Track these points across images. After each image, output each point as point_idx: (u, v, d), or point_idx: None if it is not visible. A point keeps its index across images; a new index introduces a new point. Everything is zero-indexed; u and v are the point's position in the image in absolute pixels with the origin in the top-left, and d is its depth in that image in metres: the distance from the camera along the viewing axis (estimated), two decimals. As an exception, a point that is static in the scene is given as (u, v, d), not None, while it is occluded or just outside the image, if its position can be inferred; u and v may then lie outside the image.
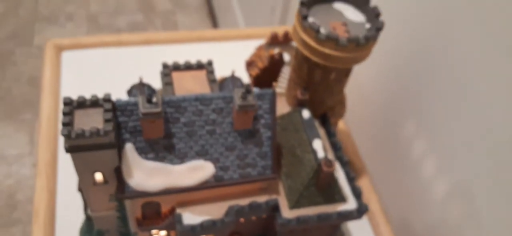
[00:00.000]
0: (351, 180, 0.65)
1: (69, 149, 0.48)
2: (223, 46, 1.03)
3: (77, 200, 0.71)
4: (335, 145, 0.68)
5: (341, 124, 0.93)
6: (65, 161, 0.79)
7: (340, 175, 0.66)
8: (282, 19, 1.34)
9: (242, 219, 0.64)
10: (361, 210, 0.62)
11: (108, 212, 0.61)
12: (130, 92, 0.61)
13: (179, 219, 0.57)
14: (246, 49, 0.88)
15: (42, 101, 0.87)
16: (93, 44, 0.98)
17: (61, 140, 0.82)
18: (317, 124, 0.70)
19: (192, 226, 0.56)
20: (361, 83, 0.96)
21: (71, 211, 0.73)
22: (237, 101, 0.53)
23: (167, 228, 0.61)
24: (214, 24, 2.32)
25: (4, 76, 2.06)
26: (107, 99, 0.51)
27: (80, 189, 0.59)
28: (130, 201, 0.57)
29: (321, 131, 0.70)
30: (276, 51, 0.75)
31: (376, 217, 0.79)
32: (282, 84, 0.75)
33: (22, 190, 1.71)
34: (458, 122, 0.71)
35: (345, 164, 0.67)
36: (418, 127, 0.80)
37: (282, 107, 0.72)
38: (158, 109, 0.50)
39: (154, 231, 0.65)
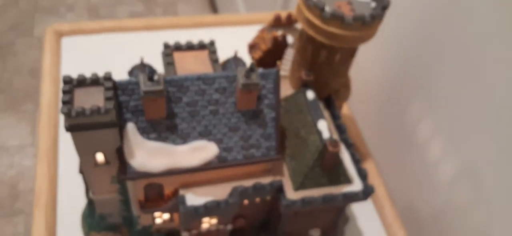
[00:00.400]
0: (357, 162, 0.64)
1: (69, 128, 0.47)
2: (225, 31, 1.02)
3: (79, 185, 0.70)
4: (340, 128, 0.67)
5: (345, 109, 0.91)
6: (67, 147, 0.78)
7: (345, 157, 0.65)
8: (284, 6, 1.32)
9: (246, 202, 0.63)
10: (367, 192, 0.61)
11: (110, 195, 0.60)
12: (131, 73, 0.60)
13: (182, 200, 0.56)
14: (248, 33, 0.87)
15: (42, 87, 0.86)
16: (93, 30, 0.97)
17: (62, 125, 0.81)
18: (321, 106, 0.68)
19: (195, 207, 0.55)
20: (365, 66, 0.94)
21: (73, 196, 0.72)
22: (241, 79, 0.52)
23: (170, 210, 0.60)
24: (215, 12, 2.31)
25: (4, 67, 2.05)
26: (107, 77, 0.49)
27: (81, 171, 0.58)
28: (132, 182, 0.56)
29: (326, 113, 0.69)
30: (279, 33, 0.74)
31: (381, 201, 0.78)
32: (285, 67, 0.74)
33: (24, 180, 1.71)
34: (465, 102, 0.70)
35: (350, 146, 0.66)
36: (424, 108, 0.79)
37: (286, 90, 0.71)
38: (160, 87, 0.49)
39: (157, 214, 0.64)
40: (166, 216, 0.65)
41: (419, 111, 0.80)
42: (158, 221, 0.65)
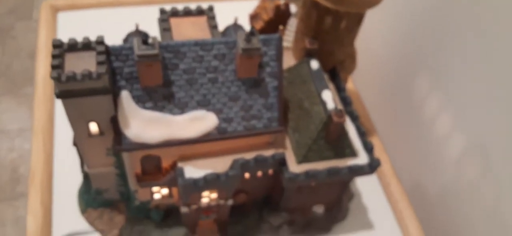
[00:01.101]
0: (362, 134, 0.62)
1: (59, 94, 0.45)
2: (225, 4, 0.98)
3: (76, 163, 0.68)
4: (345, 100, 0.65)
5: (349, 85, 0.88)
6: (63, 123, 0.76)
7: (350, 130, 0.62)
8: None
9: (247, 176, 0.61)
10: (374, 165, 0.59)
11: (105, 168, 0.58)
12: (126, 41, 0.57)
13: (180, 172, 0.53)
14: (249, 4, 0.83)
15: (37, 63, 0.83)
16: (89, 4, 0.94)
17: (58, 102, 0.78)
18: (326, 78, 0.66)
19: (194, 180, 0.53)
20: (371, 38, 0.91)
21: (69, 173, 0.70)
22: (241, 44, 0.49)
23: (169, 184, 0.58)
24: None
25: (4, 51, 2.02)
26: (100, 41, 0.47)
27: (75, 143, 0.55)
28: (128, 154, 0.53)
29: (330, 86, 0.66)
30: (282, 1, 0.70)
31: (387, 178, 0.76)
32: (288, 37, 0.71)
33: (25, 164, 1.70)
34: (475, 76, 0.67)
35: (356, 119, 0.63)
36: (433, 83, 0.76)
37: (289, 62, 0.68)
38: (155, 51, 0.46)
39: (155, 189, 0.62)
40: (165, 191, 0.63)
41: (427, 86, 0.77)
42: (156, 196, 0.63)
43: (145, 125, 0.51)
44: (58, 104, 0.78)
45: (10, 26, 2.12)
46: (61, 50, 0.46)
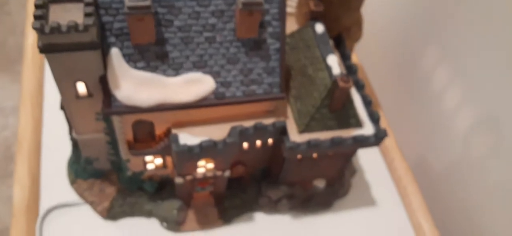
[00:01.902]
0: (368, 104, 0.58)
1: (43, 48, 0.41)
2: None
3: (66, 131, 0.65)
4: (350, 69, 0.61)
5: (353, 58, 0.85)
6: (54, 91, 0.72)
7: (356, 100, 0.59)
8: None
9: (245, 146, 0.57)
10: (380, 136, 0.55)
11: (95, 134, 0.54)
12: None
13: (175, 139, 0.50)
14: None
15: (26, 28, 0.79)
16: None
17: (47, 67, 0.74)
18: (331, 44, 0.62)
19: (189, 147, 0.50)
20: (376, 7, 0.87)
21: (59, 142, 0.67)
22: (241, -1, 0.45)
23: (162, 152, 0.54)
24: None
25: (-3, 26, 1.97)
26: (87, -9, 0.43)
27: (62, 107, 0.52)
28: (118, 119, 0.50)
29: (336, 53, 0.63)
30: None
31: (391, 153, 0.73)
32: (291, 2, 0.67)
33: (18, 141, 1.66)
34: (486, 47, 0.63)
35: (361, 88, 0.60)
36: (441, 55, 0.72)
37: (292, 28, 0.64)
38: (147, 2, 0.42)
39: (148, 159, 0.58)
40: (159, 161, 0.59)
41: (435, 57, 0.74)
42: (150, 167, 0.60)
43: (136, 86, 0.47)
44: (49, 71, 0.75)
45: (4, 1, 2.06)
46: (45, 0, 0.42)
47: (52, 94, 0.72)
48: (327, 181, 0.65)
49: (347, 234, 0.65)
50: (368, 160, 0.73)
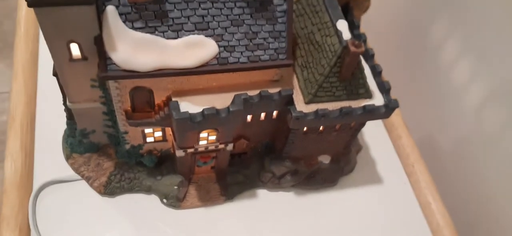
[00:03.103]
0: (378, 74, 0.55)
1: (31, 2, 0.38)
2: None
3: (61, 104, 0.62)
4: (359, 38, 0.58)
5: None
6: (49, 64, 0.69)
7: (365, 70, 0.56)
8: None
9: (249, 119, 0.55)
10: (391, 106, 0.53)
11: (91, 104, 0.51)
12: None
13: (175, 106, 0.47)
14: None
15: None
16: None
17: (42, 39, 0.71)
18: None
19: (191, 115, 0.47)
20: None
21: (54, 116, 0.63)
22: (246, -46, 0.42)
23: (162, 123, 0.52)
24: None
25: (-8, 10, 1.93)
26: None
27: (55, 73, 0.49)
28: (115, 85, 0.47)
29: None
30: None
31: (398, 130, 0.70)
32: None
33: (14, 126, 1.63)
34: (497, 17, 0.60)
35: (371, 58, 0.57)
36: (451, 25, 0.69)
37: (297, -3, 0.61)
38: (146, -46, 0.39)
39: (148, 132, 0.56)
40: (158, 134, 0.57)
41: (444, 29, 0.71)
42: (149, 140, 0.57)
43: (134, 48, 0.44)
44: (43, 42, 0.71)
45: (-1, -16, 2.02)
46: (34, -50, 0.39)
47: (47, 67, 0.69)
48: (333, 157, 0.63)
49: (352, 212, 0.63)
50: (374, 137, 0.71)
